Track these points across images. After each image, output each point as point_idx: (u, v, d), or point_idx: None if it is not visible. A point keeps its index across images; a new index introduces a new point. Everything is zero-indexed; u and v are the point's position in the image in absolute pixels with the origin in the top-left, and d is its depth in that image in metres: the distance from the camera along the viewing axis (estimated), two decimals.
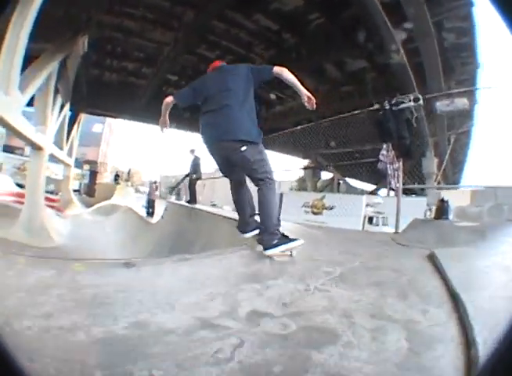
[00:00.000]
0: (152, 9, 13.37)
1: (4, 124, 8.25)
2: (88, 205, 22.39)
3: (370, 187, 18.85)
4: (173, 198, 17.72)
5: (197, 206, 10.52)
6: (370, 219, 10.51)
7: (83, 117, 23.25)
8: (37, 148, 11.70)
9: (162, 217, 11.52)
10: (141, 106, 20.34)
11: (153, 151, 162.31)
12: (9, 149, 38.74)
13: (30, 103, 10.88)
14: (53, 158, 18.00)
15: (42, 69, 9.80)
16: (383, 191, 15.15)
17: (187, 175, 10.96)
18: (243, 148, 3.05)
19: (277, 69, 3.29)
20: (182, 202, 12.74)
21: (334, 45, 12.60)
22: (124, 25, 14.22)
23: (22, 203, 12.15)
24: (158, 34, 14.63)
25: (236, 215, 3.93)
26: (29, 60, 9.17)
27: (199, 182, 11.90)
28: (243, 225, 3.53)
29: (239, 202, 3.55)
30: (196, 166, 10.99)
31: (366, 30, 11.65)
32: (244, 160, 3.10)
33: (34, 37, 10.82)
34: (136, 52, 16.62)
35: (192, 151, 11.15)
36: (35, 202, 11.56)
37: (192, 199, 11.02)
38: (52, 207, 16.43)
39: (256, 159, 3.11)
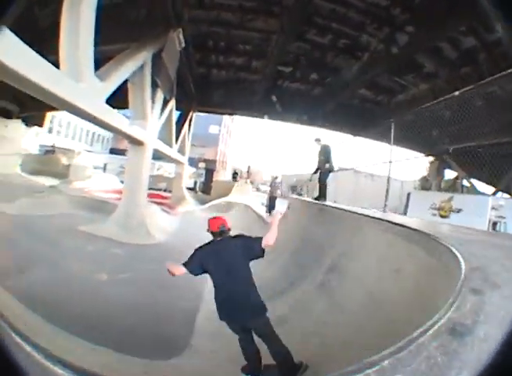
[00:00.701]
0: None
1: (85, 114, 8.01)
2: (204, 203, 22.13)
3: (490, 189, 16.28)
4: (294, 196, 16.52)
5: (328, 203, 8.89)
6: (494, 225, 9.17)
7: (197, 117, 23.61)
8: (136, 143, 11.65)
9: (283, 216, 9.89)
10: (256, 101, 19.52)
11: (273, 150, 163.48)
12: (114, 151, 43.15)
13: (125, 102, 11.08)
14: (165, 157, 18.90)
15: (127, 61, 9.51)
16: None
17: (318, 169, 9.13)
18: (265, 318, 3.48)
19: (265, 242, 3.56)
20: (308, 199, 11.05)
21: (445, 20, 10.09)
22: (221, 18, 13.37)
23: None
24: (260, 23, 13.36)
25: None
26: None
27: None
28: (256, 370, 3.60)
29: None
30: (327, 155, 9.00)
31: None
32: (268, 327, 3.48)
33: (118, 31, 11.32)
34: (241, 45, 15.59)
35: (318, 140, 9.32)
36: (133, 198, 11.50)
37: (322, 194, 9.10)
38: (161, 203, 16.70)
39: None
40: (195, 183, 27.52)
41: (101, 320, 4.57)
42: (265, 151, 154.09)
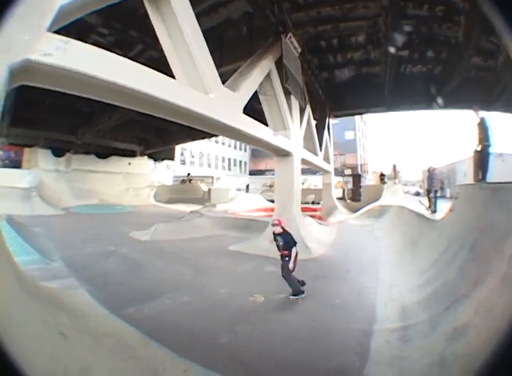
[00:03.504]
0: None
1: (224, 127, 7.76)
2: (355, 210, 21.05)
3: None
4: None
5: None
6: None
7: (332, 125, 22.64)
8: (282, 154, 11.40)
9: (451, 210, 7.93)
10: (384, 93, 18.12)
11: (417, 143, 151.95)
12: (253, 173, 45.25)
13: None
14: (312, 167, 18.58)
15: (253, 72, 9.09)
16: None
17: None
18: None
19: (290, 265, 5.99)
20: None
21: None
22: (322, 15, 12.62)
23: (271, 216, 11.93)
24: (362, 10, 12.39)
25: None
26: None
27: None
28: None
29: None
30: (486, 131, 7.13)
31: None
32: None
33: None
34: (353, 38, 14.61)
35: (477, 110, 7.50)
36: (286, 212, 11.05)
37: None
38: (313, 216, 16.17)
39: None
40: (343, 192, 26.20)
41: (260, 349, 4.12)
42: (409, 146, 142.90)
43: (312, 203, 22.72)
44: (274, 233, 6.23)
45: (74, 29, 4.83)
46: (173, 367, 3.59)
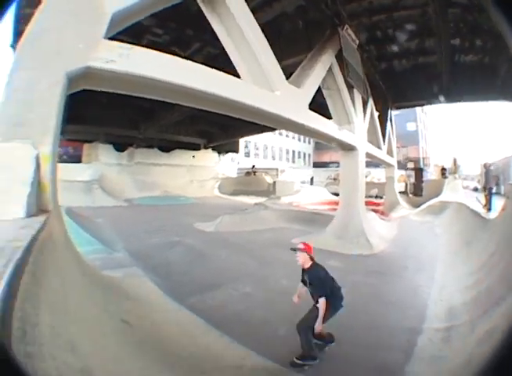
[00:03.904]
0: None
1: (290, 123, 7.73)
2: (416, 205, 20.12)
3: None
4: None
5: None
6: None
7: (393, 115, 21.59)
8: (347, 148, 11.21)
9: (503, 209, 7.45)
10: (443, 84, 17.21)
11: (478, 135, 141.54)
12: (317, 165, 43.84)
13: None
14: (376, 161, 18.01)
15: (314, 67, 8.89)
16: None
17: None
18: None
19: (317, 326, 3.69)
20: None
21: None
22: (374, 5, 12.01)
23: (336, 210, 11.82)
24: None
25: None
26: None
27: None
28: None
29: None
30: None
31: None
32: None
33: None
34: (407, 27, 13.60)
35: None
36: (351, 206, 10.95)
37: None
38: (375, 211, 15.76)
39: None
40: (406, 186, 24.95)
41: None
42: (469, 138, 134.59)
43: (376, 197, 21.80)
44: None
45: (128, 31, 4.90)
46: (232, 355, 3.69)
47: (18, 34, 12.44)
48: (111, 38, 4.11)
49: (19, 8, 9.84)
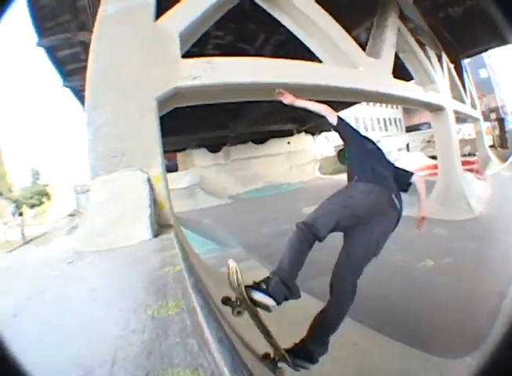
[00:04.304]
0: None
1: (377, 96, 7.60)
2: (505, 158, 18.51)
3: None
4: None
5: None
6: None
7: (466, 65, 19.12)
8: (436, 109, 10.38)
9: None
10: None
11: None
12: (410, 129, 40.57)
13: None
14: (463, 117, 16.73)
15: (383, 32, 8.46)
16: None
17: None
18: None
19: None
20: None
21: None
22: None
23: (436, 174, 11.11)
24: None
25: None
26: None
27: None
28: None
29: None
30: None
31: None
32: None
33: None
34: None
35: None
36: (449, 169, 10.35)
37: None
38: (470, 170, 14.30)
39: None
40: (493, 138, 22.62)
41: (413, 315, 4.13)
42: None
43: (469, 155, 19.93)
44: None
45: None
46: (348, 331, 3.43)
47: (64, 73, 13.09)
48: (185, 56, 4.16)
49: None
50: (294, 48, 6.24)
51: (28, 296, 1.83)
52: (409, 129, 42.70)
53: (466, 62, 19.46)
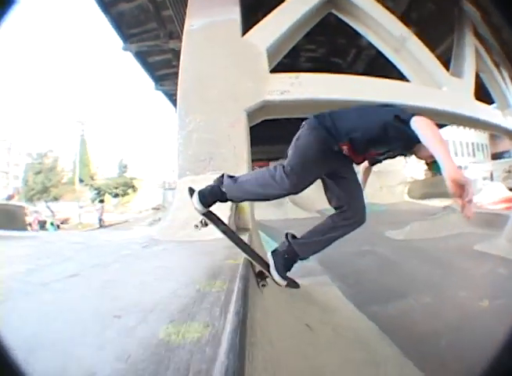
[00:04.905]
0: None
1: (460, 118, 7.21)
2: None
3: None
4: None
5: None
6: None
7: None
8: None
9: None
10: None
11: None
12: (496, 156, 37.36)
13: None
14: None
15: (463, 50, 8.41)
16: None
17: None
18: None
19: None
20: None
21: None
22: None
23: None
24: None
25: None
26: None
27: None
28: None
29: None
30: None
31: None
32: None
33: None
34: None
35: None
36: None
37: None
38: None
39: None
40: None
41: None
42: None
43: None
44: None
45: (286, 54, 5.19)
46: (395, 364, 3.45)
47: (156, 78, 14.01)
48: (274, 70, 4.42)
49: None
50: (385, 64, 6.33)
51: (93, 265, 2.06)
52: (495, 157, 39.53)
53: None
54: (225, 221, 3.12)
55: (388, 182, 25.94)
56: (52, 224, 20.51)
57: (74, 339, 1.01)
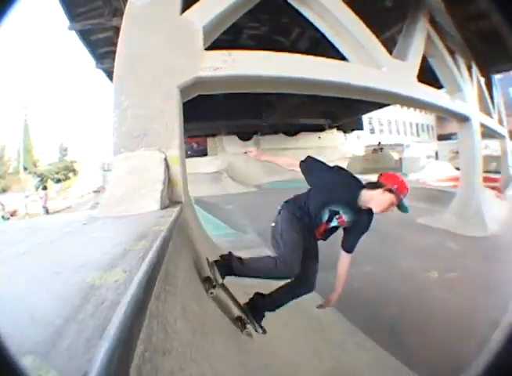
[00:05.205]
0: None
1: (400, 98, 7.56)
2: None
3: None
4: None
5: None
6: None
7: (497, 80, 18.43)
8: (461, 119, 10.21)
9: None
10: None
11: None
12: (442, 137, 39.40)
13: None
14: (489, 131, 15.28)
15: (412, 35, 8.55)
16: None
17: None
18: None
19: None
20: None
21: None
22: None
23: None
24: None
25: None
26: None
27: None
28: None
29: None
30: None
31: None
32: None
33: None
34: None
35: None
36: (470, 183, 10.18)
37: None
38: (493, 188, 14.32)
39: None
40: None
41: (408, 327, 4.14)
42: None
43: (495, 172, 19.44)
44: None
45: (227, 31, 5.22)
46: (338, 328, 3.89)
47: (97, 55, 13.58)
48: (211, 47, 4.46)
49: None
50: (329, 45, 6.40)
51: (40, 242, 2.24)
52: (441, 138, 41.36)
53: (497, 77, 18.83)
54: (158, 194, 3.29)
55: (328, 157, 26.13)
56: (2, 217, 20.29)
57: (30, 289, 1.22)
